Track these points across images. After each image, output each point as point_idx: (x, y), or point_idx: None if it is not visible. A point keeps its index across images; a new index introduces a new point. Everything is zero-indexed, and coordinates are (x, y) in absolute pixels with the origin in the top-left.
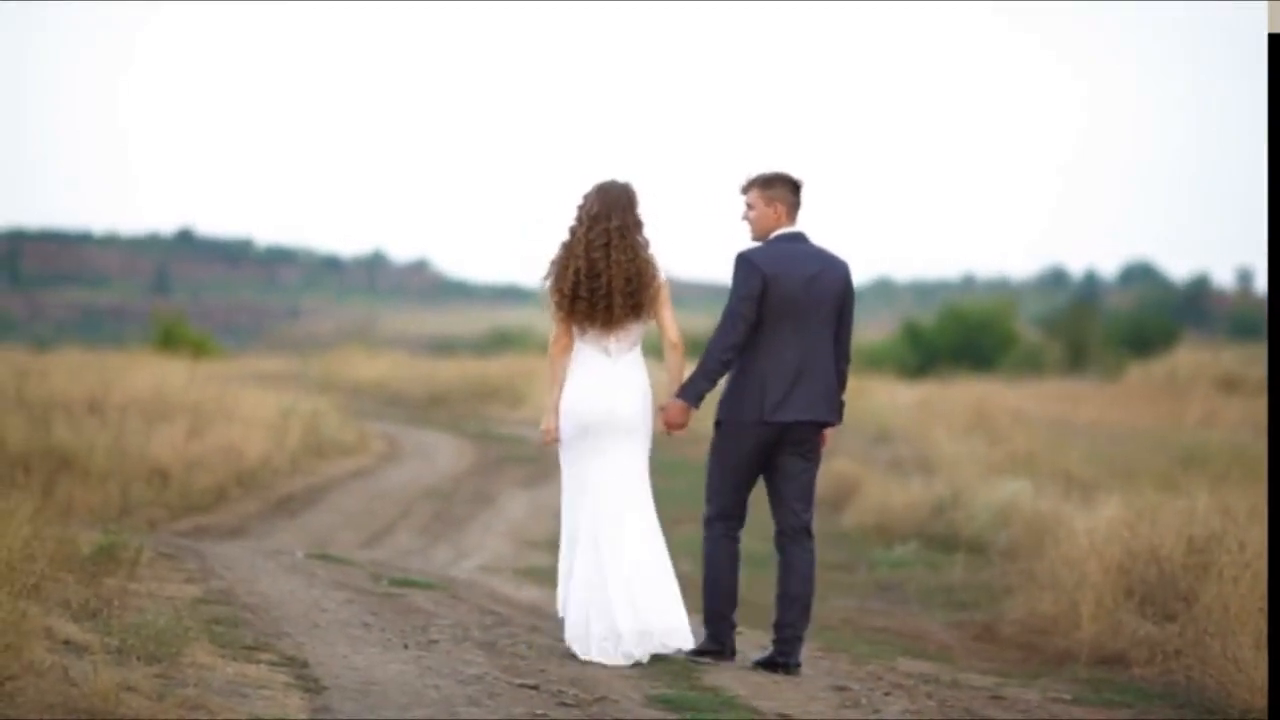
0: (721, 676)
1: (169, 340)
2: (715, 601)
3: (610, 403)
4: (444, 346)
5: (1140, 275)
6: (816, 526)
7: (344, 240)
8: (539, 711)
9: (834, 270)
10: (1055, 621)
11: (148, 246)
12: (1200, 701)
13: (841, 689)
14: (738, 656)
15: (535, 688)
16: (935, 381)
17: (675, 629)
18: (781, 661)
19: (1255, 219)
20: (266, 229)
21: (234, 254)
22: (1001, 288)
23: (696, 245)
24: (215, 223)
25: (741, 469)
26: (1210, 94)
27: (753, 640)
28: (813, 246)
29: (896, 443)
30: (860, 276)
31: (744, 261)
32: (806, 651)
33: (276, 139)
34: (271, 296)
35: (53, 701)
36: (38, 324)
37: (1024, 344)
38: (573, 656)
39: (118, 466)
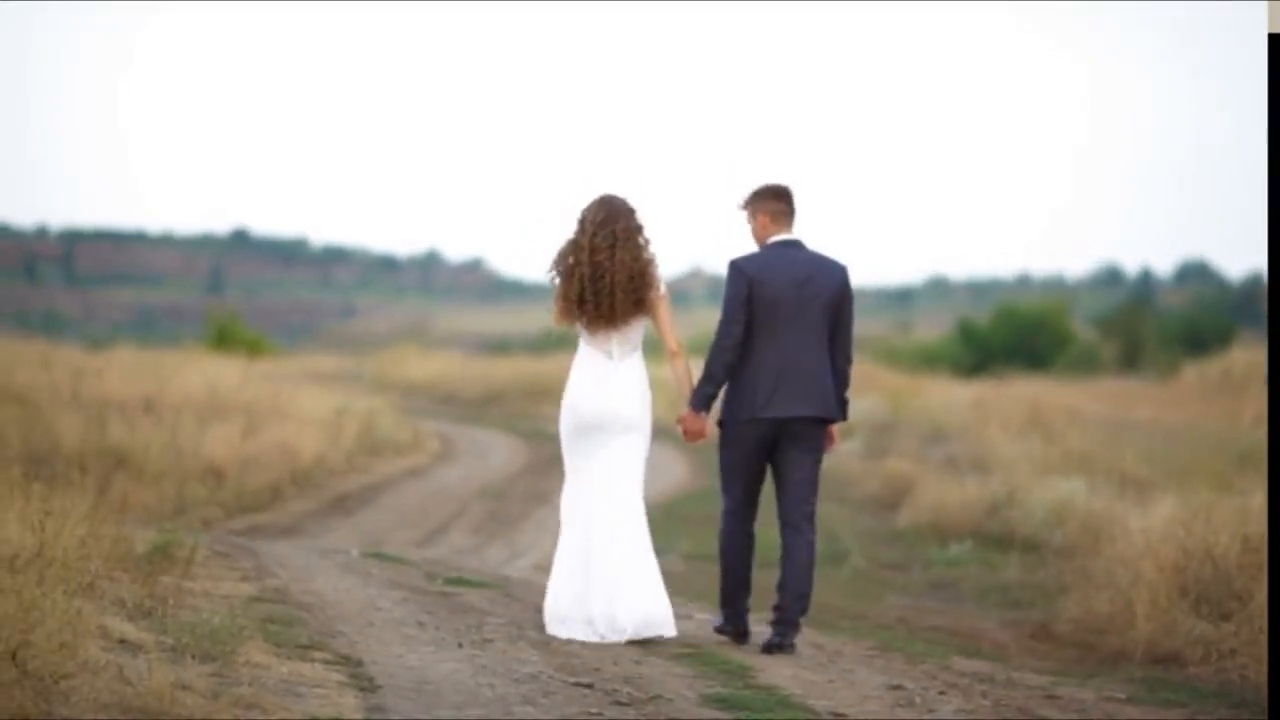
0: (776, 675)
1: (224, 339)
2: (728, 588)
3: (610, 403)
4: (498, 345)
5: (1196, 274)
6: (869, 525)
7: (399, 239)
8: (593, 710)
9: (826, 274)
10: (1110, 620)
11: (203, 246)
12: (1256, 700)
13: (896, 687)
14: (751, 638)
15: (590, 686)
16: (990, 380)
17: (656, 619)
18: (775, 643)
19: None
20: (321, 228)
21: (289, 253)
22: (1056, 286)
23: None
24: (270, 222)
25: (745, 464)
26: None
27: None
28: (806, 252)
29: (951, 442)
30: (915, 275)
31: (732, 268)
32: (860, 650)
33: (332, 139)
34: (326, 296)
35: (107, 700)
36: (93, 323)
37: (1079, 343)
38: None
39: (173, 465)
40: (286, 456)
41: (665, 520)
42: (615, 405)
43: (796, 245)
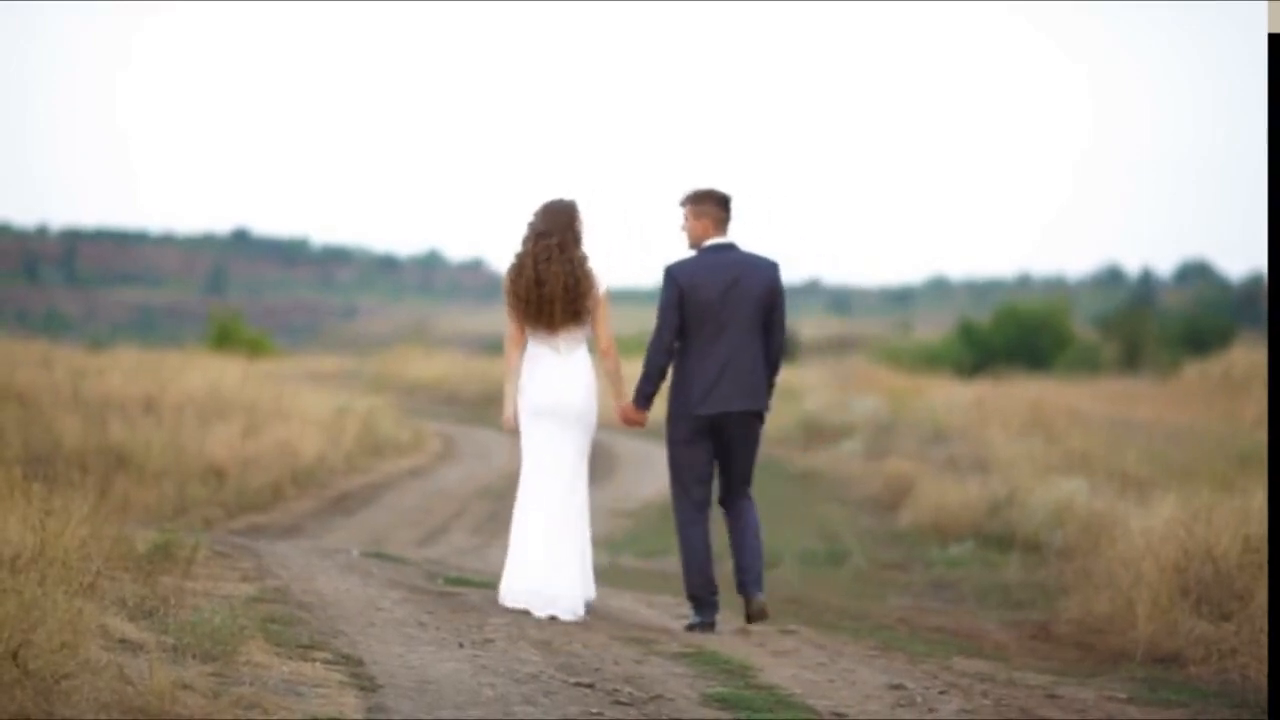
0: (777, 674)
1: (225, 339)
2: (693, 582)
3: (560, 394)
4: (499, 346)
5: (1196, 274)
6: (870, 525)
7: (400, 239)
8: (594, 710)
9: (756, 274)
10: (1111, 620)
11: (204, 246)
12: (1257, 700)
13: (897, 687)
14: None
15: (590, 686)
16: (991, 380)
17: (580, 598)
18: (750, 601)
19: None
20: (322, 228)
21: (290, 253)
22: (1057, 286)
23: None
24: (271, 222)
25: (690, 454)
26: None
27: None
28: (738, 254)
29: (952, 442)
30: (916, 275)
31: (665, 274)
32: (861, 649)
33: (333, 139)
34: (328, 296)
35: (108, 700)
36: (94, 323)
37: (1080, 343)
38: (631, 651)
39: (174, 465)
40: (287, 456)
41: (663, 522)
42: (565, 396)
43: (729, 248)
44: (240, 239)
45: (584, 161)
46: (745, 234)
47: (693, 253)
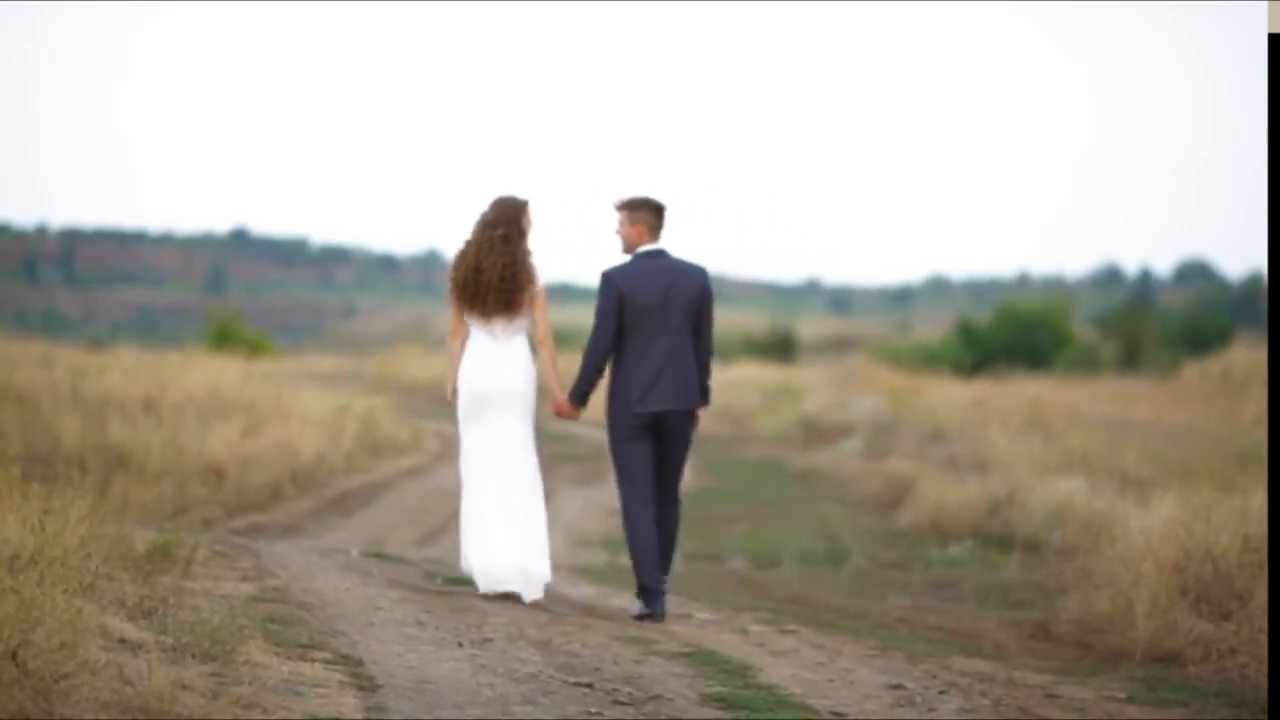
0: (776, 674)
1: (224, 339)
2: (641, 572)
3: (495, 378)
4: None
5: (1196, 273)
6: (869, 525)
7: (399, 239)
8: (593, 710)
9: (687, 279)
10: (1110, 620)
11: (203, 245)
12: (1256, 700)
13: (896, 687)
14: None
15: (590, 686)
16: (990, 380)
17: (538, 575)
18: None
19: None
20: (321, 228)
21: (289, 253)
22: (1056, 286)
23: (750, 244)
24: (270, 222)
25: (630, 449)
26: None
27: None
28: (670, 260)
29: (951, 441)
30: (915, 275)
31: (604, 280)
32: (861, 649)
33: (332, 139)
34: (327, 295)
35: (108, 700)
36: (93, 323)
37: (1079, 343)
38: (628, 649)
39: (173, 465)
40: (287, 456)
41: None
42: (500, 381)
43: (661, 254)
44: (239, 239)
45: (584, 162)
46: (745, 235)
47: (627, 258)
